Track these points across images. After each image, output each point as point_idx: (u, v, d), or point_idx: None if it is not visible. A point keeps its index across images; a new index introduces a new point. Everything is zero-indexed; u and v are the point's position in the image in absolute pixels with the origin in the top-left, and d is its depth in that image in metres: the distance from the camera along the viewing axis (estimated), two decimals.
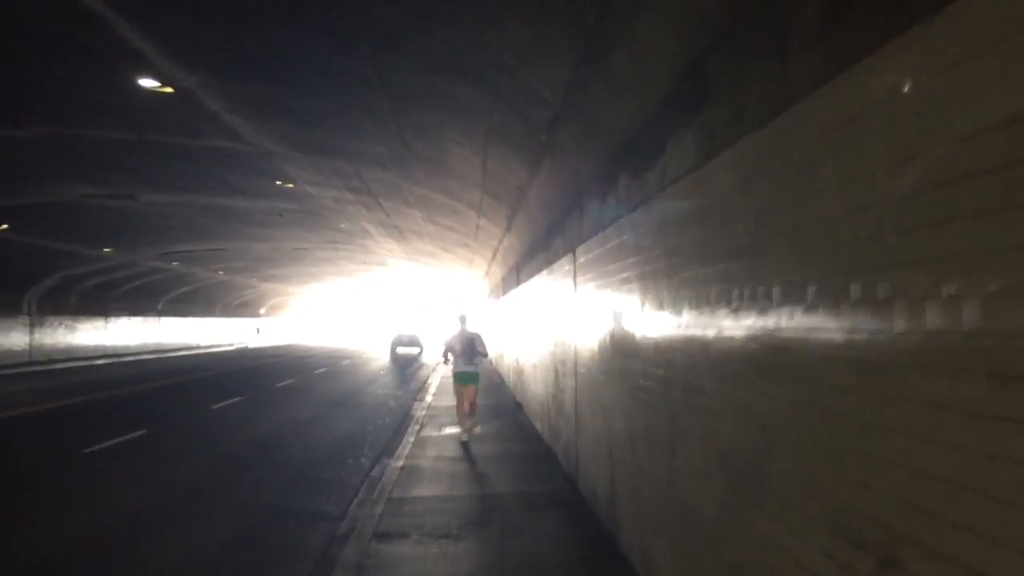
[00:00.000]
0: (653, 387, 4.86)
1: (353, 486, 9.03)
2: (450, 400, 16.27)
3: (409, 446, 11.18)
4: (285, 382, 23.00)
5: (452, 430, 12.58)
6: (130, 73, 9.59)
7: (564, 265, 8.85)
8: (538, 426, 12.08)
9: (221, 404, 17.02)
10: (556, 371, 9.71)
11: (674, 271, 4.35)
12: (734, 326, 3.37)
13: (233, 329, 55.85)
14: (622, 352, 5.87)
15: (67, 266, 31.64)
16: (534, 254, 12.49)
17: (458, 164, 12.28)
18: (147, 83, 9.91)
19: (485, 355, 12.31)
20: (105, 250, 30.40)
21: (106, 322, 38.74)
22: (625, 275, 5.77)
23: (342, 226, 25.35)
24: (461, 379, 11.82)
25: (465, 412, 11.72)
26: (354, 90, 9.29)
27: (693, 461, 3.93)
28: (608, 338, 6.47)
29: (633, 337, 5.47)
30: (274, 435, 13.01)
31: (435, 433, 12.44)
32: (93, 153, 15.02)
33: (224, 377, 25.87)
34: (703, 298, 3.80)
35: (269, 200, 21.21)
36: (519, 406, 15.62)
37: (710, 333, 3.67)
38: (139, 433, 12.77)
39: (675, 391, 4.32)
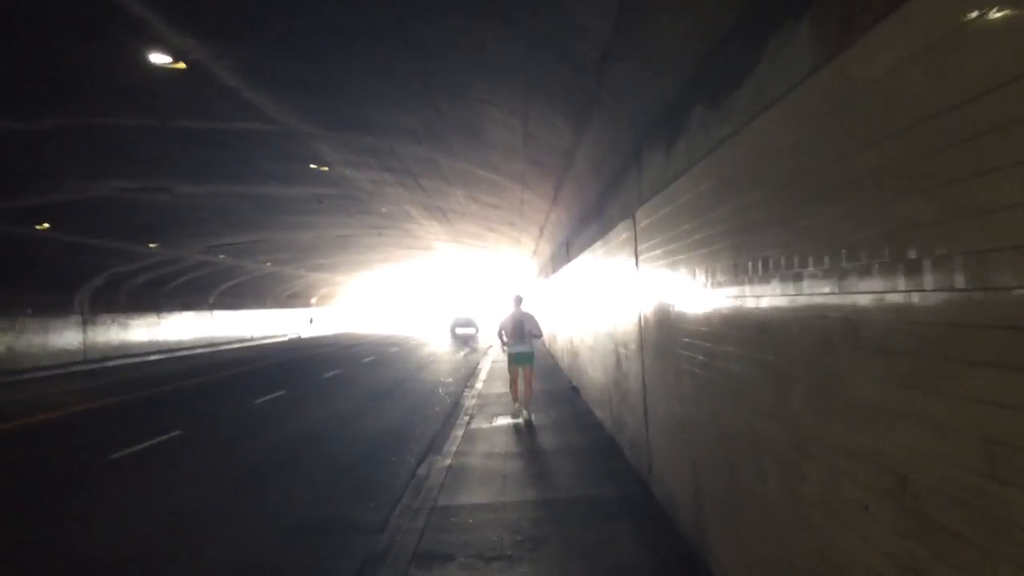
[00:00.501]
0: (753, 377, 3.68)
1: (396, 490, 8.04)
2: (501, 387, 15.30)
3: (458, 441, 10.15)
4: (332, 372, 22.26)
5: (504, 421, 11.54)
6: (138, 48, 8.70)
7: (621, 233, 7.66)
8: (598, 414, 10.95)
9: (264, 399, 16.27)
10: (617, 354, 8.55)
11: (787, 218, 3.16)
12: (917, 292, 2.17)
13: (285, 320, 55.83)
14: (702, 331, 4.69)
15: (114, 264, 31.49)
16: (585, 225, 11.31)
17: (495, 130, 11.14)
18: (158, 59, 9.03)
19: (539, 336, 12.27)
20: (151, 246, 30.11)
21: (158, 318, 38.73)
22: (705, 234, 4.58)
23: (383, 210, 24.45)
24: (516, 360, 11.86)
25: (520, 393, 11.77)
26: (371, 47, 8.20)
27: (837, 489, 2.74)
28: (680, 315, 5.31)
29: (719, 313, 4.29)
30: (315, 431, 12.15)
31: (486, 425, 11.40)
32: (117, 143, 14.30)
33: (272, 369, 25.32)
34: (846, 251, 2.59)
35: (306, 186, 20.39)
36: (575, 391, 14.49)
37: (865, 302, 2.47)
38: (172, 435, 12.04)
39: (795, 387, 3.14)
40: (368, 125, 12.73)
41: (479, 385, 16.59)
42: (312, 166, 17.31)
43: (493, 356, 25.22)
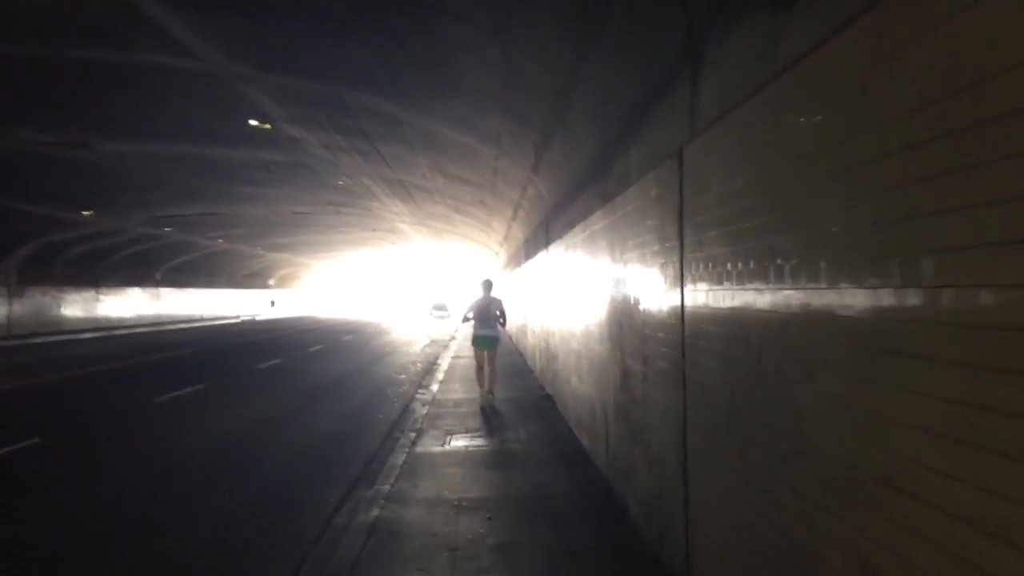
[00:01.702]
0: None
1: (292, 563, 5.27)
2: (460, 391, 12.63)
3: (396, 473, 7.38)
4: (270, 363, 19.23)
5: (460, 443, 8.80)
6: None
7: (650, 189, 4.95)
8: (584, 441, 8.26)
9: (173, 395, 13.28)
10: (624, 368, 5.88)
11: None
12: None
13: (242, 301, 52.43)
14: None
15: (45, 232, 28.13)
16: (578, 192, 8.59)
17: (469, 65, 8.41)
18: None
19: (504, 320, 12.36)
20: (84, 213, 26.84)
21: (97, 293, 35.29)
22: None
23: (340, 183, 21.53)
24: (481, 343, 11.95)
25: (485, 374, 11.79)
26: None
27: None
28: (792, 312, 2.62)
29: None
30: (216, 450, 9.28)
31: (437, 448, 8.60)
32: (6, 79, 11.52)
33: (205, 355, 22.24)
34: None
35: (250, 148, 17.42)
36: (550, 400, 11.82)
37: None
38: (30, 443, 9.12)
39: None
40: (313, 66, 10.03)
41: (435, 387, 13.81)
42: (252, 122, 14.41)
43: (454, 350, 22.48)
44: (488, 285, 12.38)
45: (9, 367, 18.37)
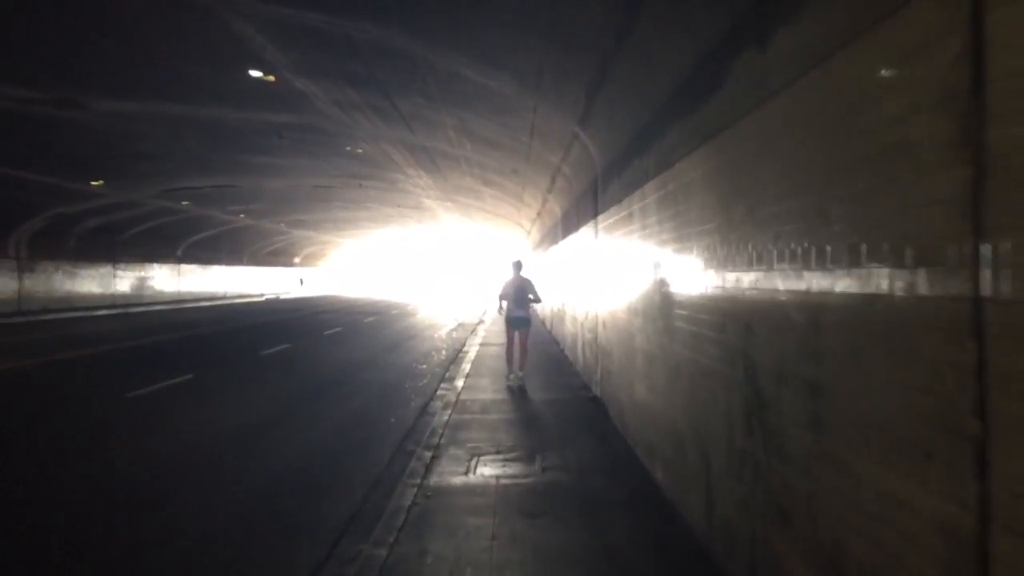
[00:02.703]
0: None
1: None
2: (490, 389, 10.40)
3: (398, 526, 5.10)
4: (276, 348, 16.98)
5: (490, 470, 6.51)
6: None
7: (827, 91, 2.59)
8: (659, 476, 5.92)
9: (144, 390, 11.10)
10: (754, 397, 3.54)
11: None
12: None
13: (267, 279, 50.65)
14: None
15: (54, 203, 26.33)
16: (650, 139, 6.18)
17: None
18: None
19: (537, 301, 12.16)
20: (92, 183, 24.95)
21: (114, 268, 33.56)
22: None
23: (359, 151, 19.28)
24: (513, 324, 11.78)
25: (515, 358, 11.58)
26: None
27: None
28: None
29: None
30: (173, 477, 7.10)
31: (459, 478, 6.28)
32: None
33: (210, 338, 20.22)
34: None
35: (255, 109, 15.26)
36: (598, 405, 9.51)
37: None
38: None
39: None
40: None
41: (459, 382, 11.53)
42: (254, 73, 12.24)
43: (482, 335, 20.23)
44: (519, 266, 12.24)
45: (25, 344, 16.49)
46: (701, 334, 4.57)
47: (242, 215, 35.58)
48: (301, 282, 59.94)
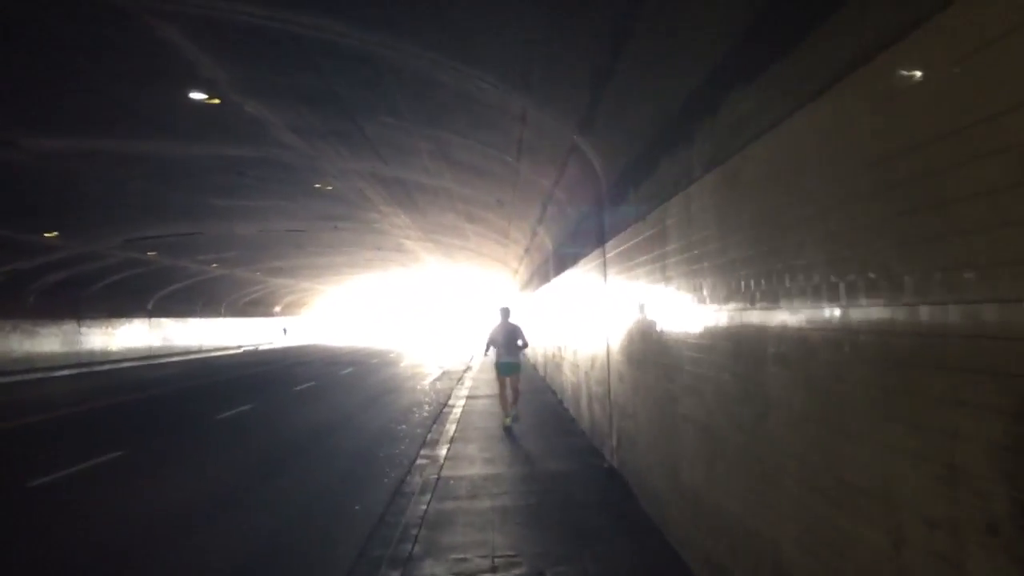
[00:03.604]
0: None
1: None
2: (478, 465, 8.30)
3: None
4: (234, 411, 14.40)
5: None
6: None
7: None
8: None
9: (51, 477, 8.84)
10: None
11: None
12: None
13: (247, 330, 48.24)
14: None
15: (6, 258, 24.17)
16: (676, 138, 4.28)
17: None
18: None
19: (525, 346, 11.94)
20: (46, 235, 22.88)
21: (79, 325, 31.23)
22: None
23: (329, 187, 17.40)
24: (503, 370, 11.49)
25: (508, 400, 11.32)
26: None
27: None
28: None
29: None
30: None
31: None
32: None
33: (165, 400, 17.88)
34: None
35: (207, 142, 13.44)
36: (618, 482, 7.46)
37: None
38: None
39: None
40: None
41: (442, 451, 9.41)
42: (195, 96, 10.43)
43: (469, 385, 18.14)
44: (506, 312, 11.94)
45: None
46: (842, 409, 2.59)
47: (214, 264, 33.46)
48: (284, 332, 57.57)
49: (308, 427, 12.31)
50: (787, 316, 3.04)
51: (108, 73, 9.56)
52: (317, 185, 17.19)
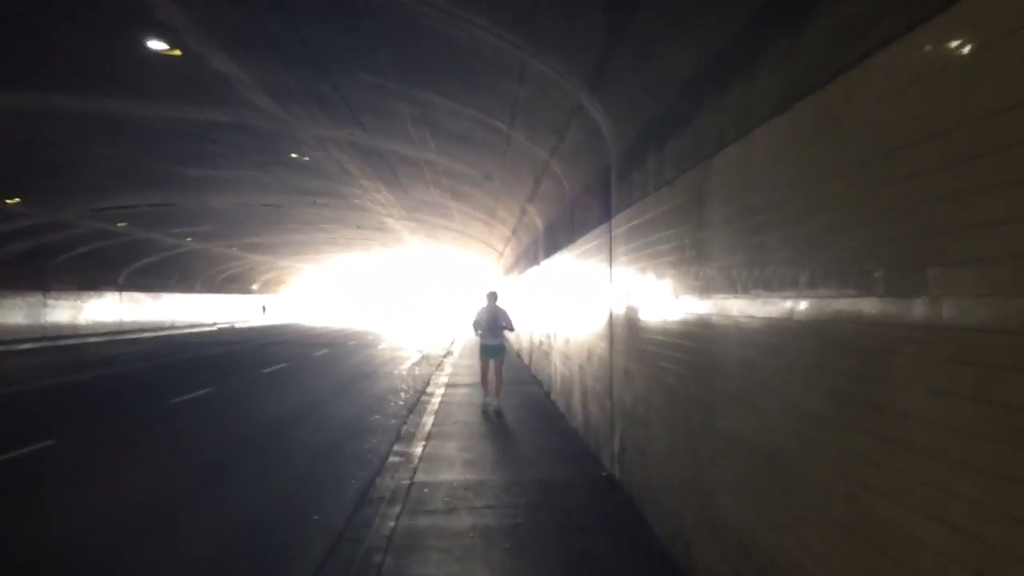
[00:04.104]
0: None
1: None
2: (458, 468, 7.17)
3: None
4: (192, 394, 12.99)
5: None
6: None
7: None
8: None
9: None
10: None
11: None
12: None
13: (224, 307, 46.70)
14: None
15: None
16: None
17: None
18: None
19: (511, 328, 11.81)
20: (8, 202, 21.41)
21: (44, 297, 29.71)
22: None
23: (306, 158, 16.15)
24: (487, 352, 11.54)
25: (491, 384, 11.34)
26: None
27: None
28: None
29: None
30: None
31: None
32: None
33: (124, 379, 16.61)
34: None
35: (172, 102, 12.22)
36: (619, 493, 6.41)
37: None
38: None
39: None
40: None
41: (418, 448, 8.31)
42: (154, 45, 9.25)
43: (449, 370, 17.05)
44: (493, 296, 11.89)
45: None
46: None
47: (189, 239, 31.99)
48: (264, 309, 56.05)
49: (270, 416, 11.13)
50: (957, 312, 1.94)
51: (53, 16, 8.35)
52: (294, 155, 15.93)
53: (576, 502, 6.12)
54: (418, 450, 8.19)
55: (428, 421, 10.01)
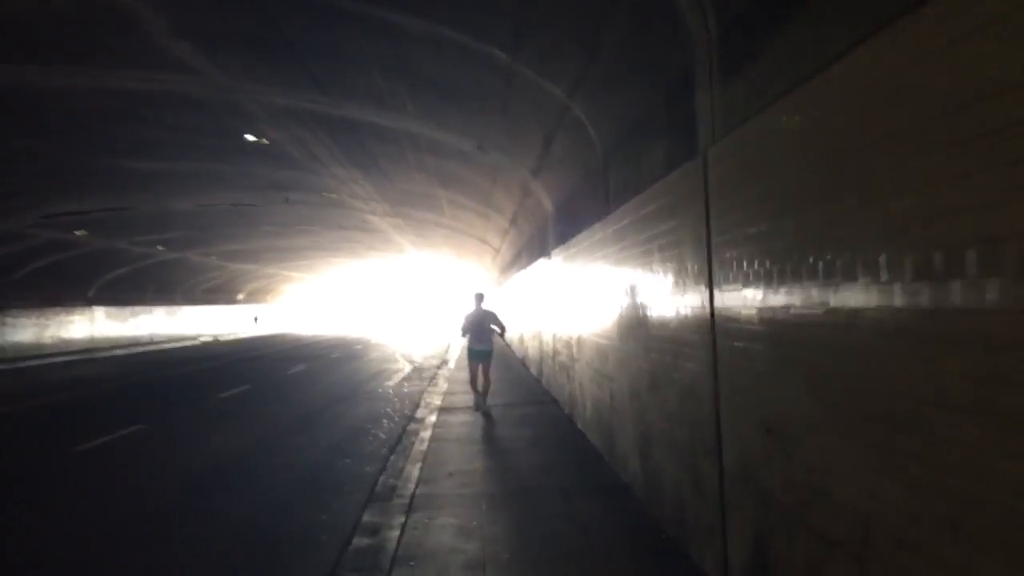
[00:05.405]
0: None
1: None
2: (454, 536, 4.14)
3: None
4: (98, 440, 9.70)
5: None
6: None
7: None
8: None
9: None
10: None
11: None
12: None
13: (209, 319, 43.53)
14: None
15: None
16: None
17: None
18: None
19: (502, 331, 11.69)
20: None
21: (3, 315, 26.69)
22: None
23: (264, 140, 13.19)
24: (476, 356, 11.28)
25: (480, 385, 11.11)
26: None
27: None
28: None
29: None
30: None
31: None
32: None
33: (58, 409, 13.63)
34: None
35: (76, 66, 9.30)
36: (662, 549, 3.52)
37: None
38: None
39: None
40: None
41: (395, 527, 5.40)
42: None
43: (444, 387, 14.13)
44: (480, 298, 11.53)
45: None
46: None
47: (159, 247, 28.94)
48: (255, 320, 52.99)
49: (192, 473, 7.88)
50: None
51: None
52: (249, 137, 12.97)
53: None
54: (394, 533, 5.23)
55: (414, 472, 7.03)
